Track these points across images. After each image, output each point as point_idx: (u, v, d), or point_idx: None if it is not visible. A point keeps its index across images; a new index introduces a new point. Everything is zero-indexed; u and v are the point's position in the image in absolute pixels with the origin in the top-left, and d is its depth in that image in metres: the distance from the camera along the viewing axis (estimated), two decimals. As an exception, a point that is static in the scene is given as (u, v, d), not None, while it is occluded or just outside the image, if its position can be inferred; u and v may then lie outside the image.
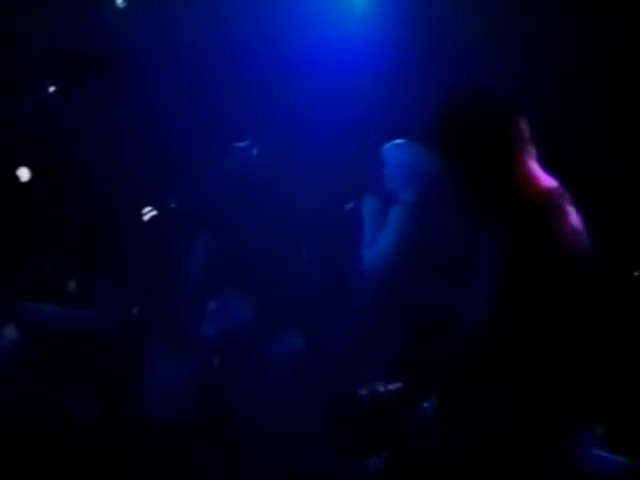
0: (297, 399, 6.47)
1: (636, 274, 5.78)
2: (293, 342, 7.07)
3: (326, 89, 7.09)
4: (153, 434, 6.56)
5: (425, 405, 2.89)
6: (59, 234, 7.83)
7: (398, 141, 5.64)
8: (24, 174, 8.31)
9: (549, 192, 2.67)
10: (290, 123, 6.73)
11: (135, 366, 6.95)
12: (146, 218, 5.51)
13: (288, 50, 7.16)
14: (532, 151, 2.80)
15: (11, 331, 7.10)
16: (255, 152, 5.44)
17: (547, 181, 2.73)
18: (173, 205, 5.50)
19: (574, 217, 2.64)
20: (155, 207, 5.39)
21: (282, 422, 6.30)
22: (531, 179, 2.69)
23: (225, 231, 7.23)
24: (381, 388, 3.29)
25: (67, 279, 7.50)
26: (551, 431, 2.50)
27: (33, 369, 6.69)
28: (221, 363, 7.08)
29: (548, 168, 2.82)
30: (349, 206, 5.63)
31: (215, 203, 6.95)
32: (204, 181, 6.28)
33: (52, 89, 7.81)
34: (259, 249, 6.96)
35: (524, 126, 2.81)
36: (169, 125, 7.48)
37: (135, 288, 7.20)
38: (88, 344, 6.88)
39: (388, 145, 5.60)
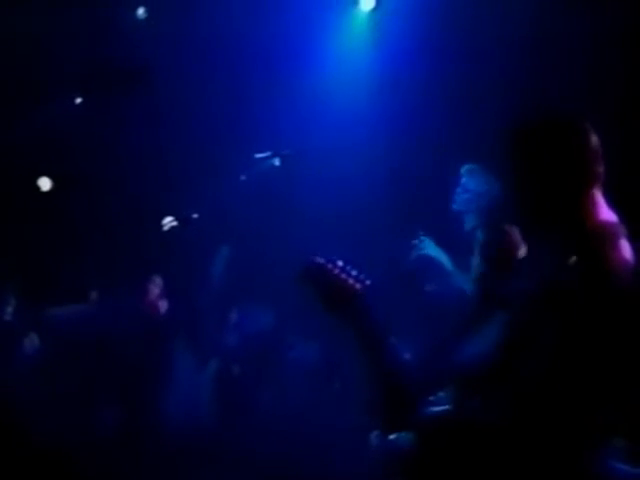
0: (316, 405, 6.51)
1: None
2: (312, 350, 7.11)
3: (349, 98, 7.12)
4: (174, 438, 6.61)
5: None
6: (82, 243, 7.89)
7: (475, 167, 5.38)
8: (45, 183, 8.39)
9: (607, 226, 2.62)
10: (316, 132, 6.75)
11: (158, 372, 7.01)
12: (166, 228, 5.54)
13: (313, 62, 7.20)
14: (600, 172, 2.72)
15: (33, 340, 7.17)
16: (277, 163, 5.43)
17: (607, 214, 2.67)
18: (195, 215, 5.52)
19: (628, 253, 2.60)
20: (177, 217, 5.41)
21: (301, 428, 6.32)
22: (592, 208, 2.63)
23: (247, 241, 7.27)
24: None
25: (90, 287, 7.55)
26: (573, 441, 2.53)
27: (55, 375, 6.74)
28: (242, 371, 7.13)
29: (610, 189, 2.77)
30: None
31: (237, 213, 6.98)
32: (226, 191, 6.31)
33: (76, 101, 7.87)
34: (280, 259, 6.98)
35: (596, 144, 2.75)
36: (192, 136, 7.53)
37: (158, 297, 7.24)
38: (110, 350, 6.93)
39: (467, 167, 5.39)
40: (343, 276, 3.04)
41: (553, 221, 2.71)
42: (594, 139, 2.73)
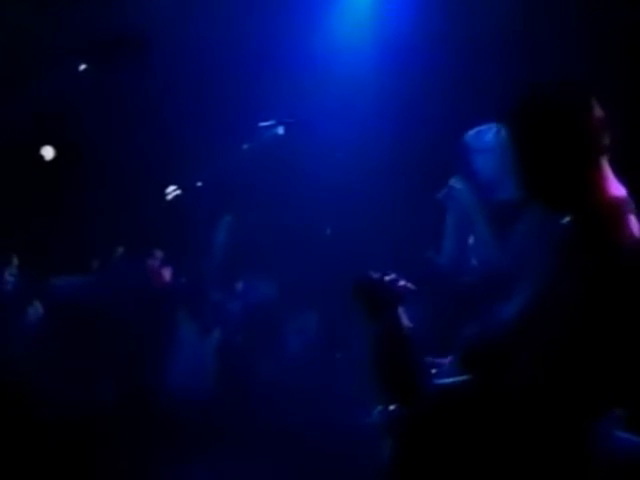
0: (317, 375, 6.53)
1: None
2: (312, 321, 7.13)
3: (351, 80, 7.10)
4: (177, 407, 6.63)
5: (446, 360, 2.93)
6: (85, 212, 7.88)
7: (483, 126, 4.66)
8: (48, 152, 8.37)
9: (615, 200, 2.60)
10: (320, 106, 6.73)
11: (160, 341, 7.03)
12: (170, 197, 5.54)
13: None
14: (606, 144, 2.69)
15: (37, 308, 7.19)
16: (280, 131, 5.40)
17: (615, 188, 2.65)
18: (199, 184, 5.52)
19: (636, 228, 2.58)
20: (181, 186, 5.41)
21: (303, 396, 6.35)
22: (601, 184, 2.61)
23: (250, 209, 7.26)
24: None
25: (91, 256, 7.56)
26: (573, 411, 2.54)
27: (58, 344, 6.75)
28: (244, 340, 7.15)
29: (619, 165, 2.74)
30: (439, 195, 4.66)
31: (240, 182, 6.97)
32: (230, 160, 6.29)
33: (81, 68, 7.83)
34: (283, 227, 6.97)
35: (600, 117, 2.71)
36: (196, 104, 7.50)
37: (161, 265, 7.25)
38: (113, 319, 6.94)
39: (473, 132, 4.71)
40: (391, 285, 3.09)
41: (561, 198, 2.70)
42: (598, 112, 2.71)
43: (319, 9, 7.32)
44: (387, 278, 3.09)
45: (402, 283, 3.11)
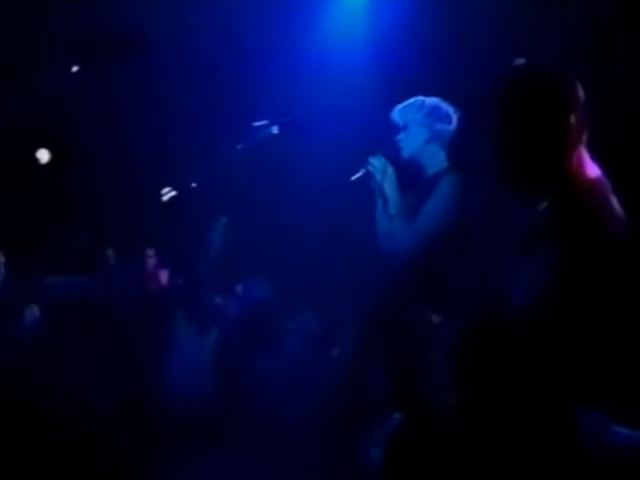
0: (313, 376, 6.53)
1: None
2: (310, 320, 7.13)
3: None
4: (175, 408, 6.63)
5: (435, 357, 2.91)
6: (80, 213, 7.89)
7: (414, 99, 4.64)
8: (44, 156, 8.36)
9: (594, 181, 2.60)
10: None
11: (158, 342, 7.03)
12: (165, 198, 5.52)
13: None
14: (586, 127, 2.68)
15: (33, 310, 7.18)
16: (275, 131, 5.38)
17: (593, 170, 2.65)
18: (194, 185, 5.50)
19: (616, 207, 2.59)
20: (176, 187, 5.39)
21: (298, 398, 6.35)
22: (579, 165, 2.61)
23: (246, 210, 7.27)
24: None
25: (88, 256, 7.56)
26: (567, 404, 2.54)
27: (56, 346, 6.75)
28: (242, 340, 7.15)
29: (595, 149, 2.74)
30: (356, 176, 4.70)
31: (236, 182, 6.96)
32: (225, 160, 6.29)
33: (74, 70, 7.82)
34: (279, 228, 6.98)
35: (583, 100, 2.70)
36: (190, 105, 7.51)
37: (158, 266, 7.26)
38: (109, 320, 6.94)
39: (400, 106, 4.64)
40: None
41: (541, 179, 2.69)
42: (581, 95, 2.71)
43: (314, 8, 7.32)
44: (432, 321, 3.05)
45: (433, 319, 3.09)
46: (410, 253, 4.41)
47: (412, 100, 4.64)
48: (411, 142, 4.61)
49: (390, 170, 4.61)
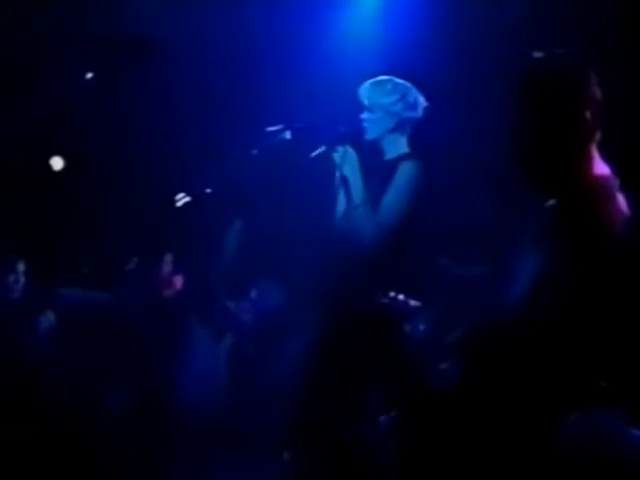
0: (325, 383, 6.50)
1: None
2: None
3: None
4: (188, 414, 6.63)
5: (421, 327, 2.92)
6: (94, 221, 7.90)
7: (382, 78, 4.58)
8: (57, 163, 8.38)
9: (601, 178, 2.58)
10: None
11: (172, 348, 7.03)
12: (179, 204, 5.52)
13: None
14: (600, 125, 2.66)
15: (48, 317, 7.19)
16: (288, 136, 5.37)
17: (601, 167, 2.64)
18: (208, 190, 5.50)
19: (622, 205, 2.57)
20: (190, 193, 5.39)
21: (312, 404, 6.32)
22: (589, 163, 2.59)
23: (259, 216, 7.26)
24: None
25: (101, 265, 7.57)
26: (572, 398, 2.52)
27: (70, 353, 6.76)
28: (256, 347, 7.14)
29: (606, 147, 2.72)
30: (316, 152, 4.70)
31: (250, 188, 6.97)
32: (238, 166, 6.29)
33: (88, 76, 7.85)
34: (293, 233, 6.96)
35: (598, 93, 2.68)
36: (203, 110, 7.52)
37: (171, 273, 7.26)
38: (124, 326, 6.95)
39: (368, 84, 4.59)
40: (395, 305, 3.10)
41: (552, 174, 2.68)
42: (598, 92, 2.69)
43: (328, 12, 7.32)
44: (390, 296, 3.06)
45: (405, 300, 3.09)
46: (372, 243, 4.38)
47: (382, 79, 4.58)
48: (376, 128, 4.57)
49: (351, 152, 4.57)
